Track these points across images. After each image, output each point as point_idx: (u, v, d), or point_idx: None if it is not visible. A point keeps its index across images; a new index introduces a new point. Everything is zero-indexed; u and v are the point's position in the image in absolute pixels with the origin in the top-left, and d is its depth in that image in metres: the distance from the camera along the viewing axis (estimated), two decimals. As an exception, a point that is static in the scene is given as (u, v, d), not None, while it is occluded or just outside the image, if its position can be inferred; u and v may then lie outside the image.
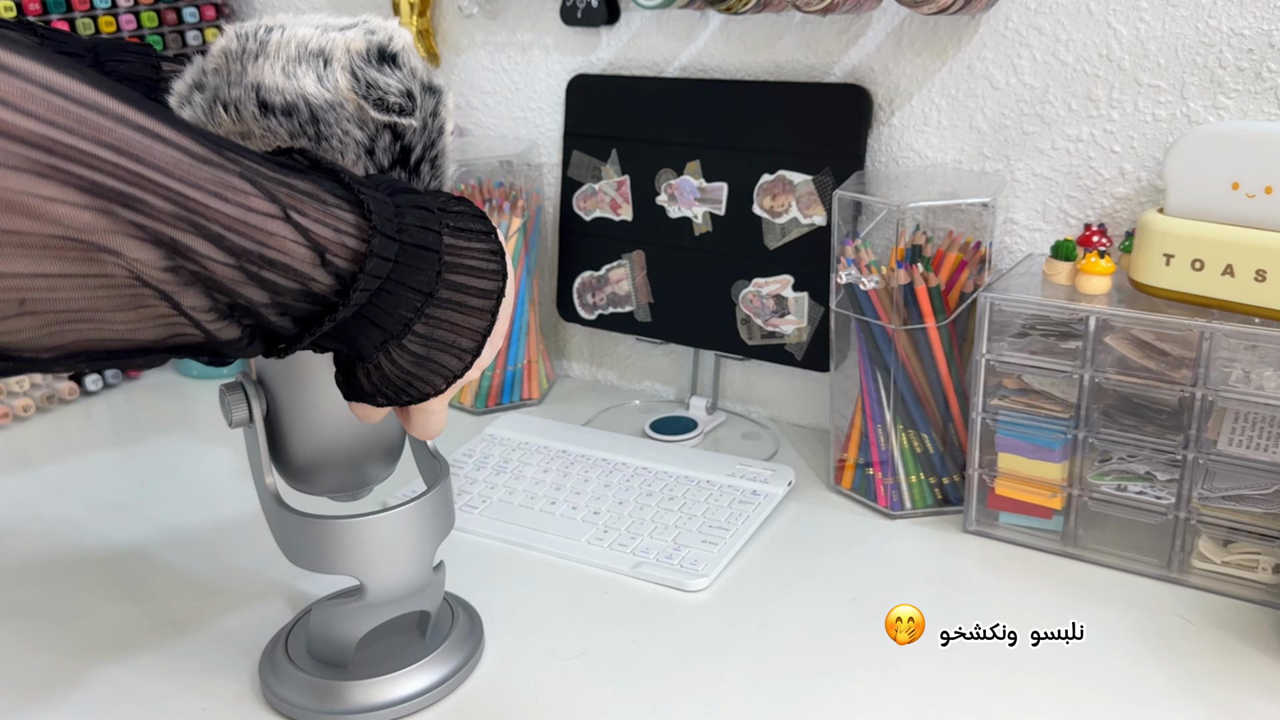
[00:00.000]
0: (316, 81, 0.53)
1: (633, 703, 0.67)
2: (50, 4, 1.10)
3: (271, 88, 0.53)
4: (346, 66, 0.54)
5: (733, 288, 1.02)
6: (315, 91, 0.53)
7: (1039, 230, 0.91)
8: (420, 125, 0.56)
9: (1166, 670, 0.68)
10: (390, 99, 0.54)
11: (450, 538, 0.70)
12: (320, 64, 0.54)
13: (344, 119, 0.54)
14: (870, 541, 0.85)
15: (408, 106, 0.55)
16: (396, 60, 0.55)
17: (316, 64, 0.54)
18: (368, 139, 0.54)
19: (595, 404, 1.13)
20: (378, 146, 0.55)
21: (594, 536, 0.85)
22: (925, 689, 0.67)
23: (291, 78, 0.53)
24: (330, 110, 0.53)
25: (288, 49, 0.53)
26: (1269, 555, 0.75)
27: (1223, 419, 0.75)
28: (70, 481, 1.00)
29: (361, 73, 0.54)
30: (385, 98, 0.54)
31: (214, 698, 0.69)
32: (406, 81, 0.55)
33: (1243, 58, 0.80)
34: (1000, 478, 0.83)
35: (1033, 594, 0.77)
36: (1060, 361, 0.79)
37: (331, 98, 0.53)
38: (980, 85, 0.91)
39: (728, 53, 1.02)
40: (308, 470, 0.65)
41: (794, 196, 0.97)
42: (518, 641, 0.73)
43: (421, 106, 0.56)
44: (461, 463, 0.98)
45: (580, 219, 1.10)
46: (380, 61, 0.55)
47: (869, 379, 0.88)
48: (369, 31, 0.55)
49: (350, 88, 0.54)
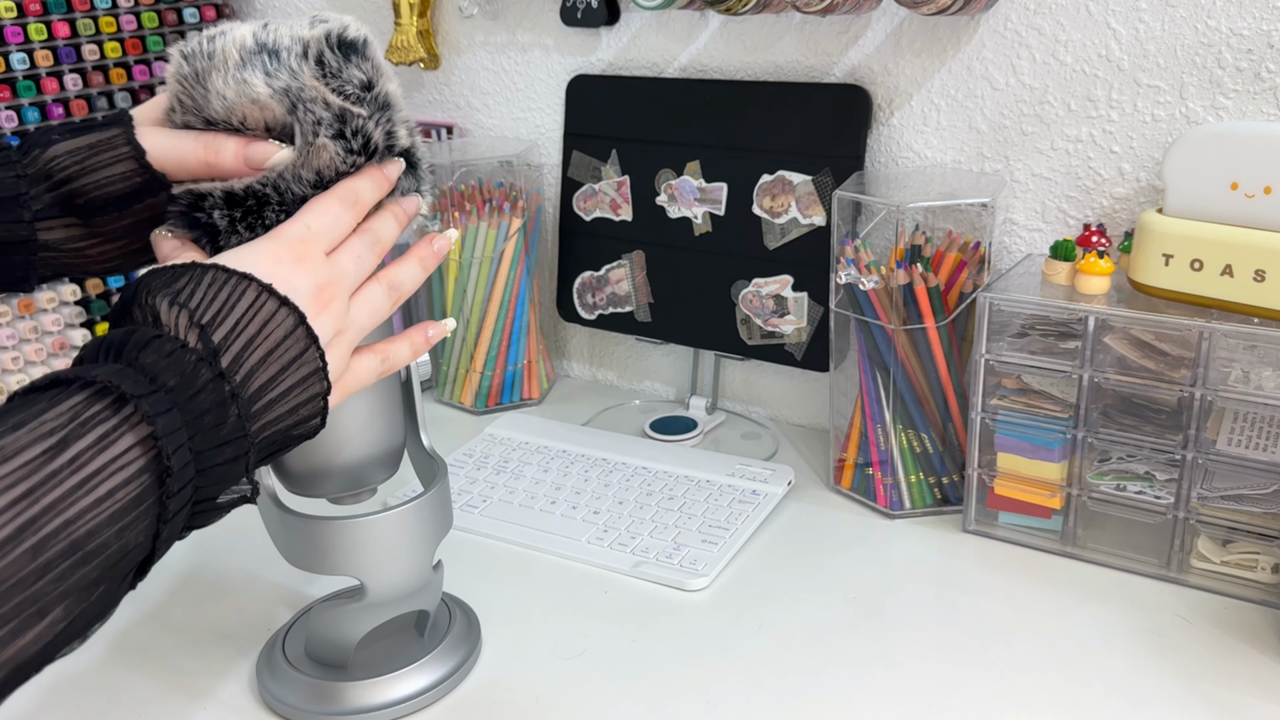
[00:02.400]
0: (265, 77, 0.54)
1: (632, 702, 0.67)
2: (50, 4, 1.10)
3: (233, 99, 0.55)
4: (299, 54, 0.55)
5: (732, 288, 1.02)
6: (263, 89, 0.54)
7: (1038, 230, 0.91)
8: (369, 114, 0.56)
9: (1166, 670, 0.68)
10: (348, 88, 0.55)
11: (450, 537, 0.70)
12: (266, 58, 0.55)
13: (310, 102, 0.55)
14: (869, 541, 0.85)
15: (363, 95, 0.56)
16: (355, 47, 0.56)
17: (262, 59, 0.55)
18: (335, 119, 0.55)
19: (595, 404, 1.13)
20: (347, 129, 0.56)
21: (594, 536, 0.85)
22: (925, 689, 0.67)
23: (242, 85, 0.54)
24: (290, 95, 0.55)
25: (231, 57, 0.55)
26: (1268, 555, 0.75)
27: (1222, 419, 0.75)
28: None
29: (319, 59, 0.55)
30: (343, 86, 0.55)
31: (212, 699, 0.69)
32: (367, 72, 0.56)
33: (1242, 58, 0.80)
34: (999, 477, 0.83)
35: (1032, 594, 0.77)
36: (1059, 361, 0.79)
37: (288, 84, 0.54)
38: (980, 86, 0.91)
39: (728, 53, 1.02)
40: (307, 476, 0.65)
41: (794, 197, 0.97)
42: (517, 641, 0.74)
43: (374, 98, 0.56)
44: (461, 463, 0.98)
45: (580, 219, 1.10)
46: (340, 49, 0.56)
47: (868, 379, 0.88)
48: (321, 20, 0.56)
49: (312, 74, 0.55)
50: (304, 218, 0.55)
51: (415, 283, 0.61)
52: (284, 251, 0.53)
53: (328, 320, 0.53)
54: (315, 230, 0.55)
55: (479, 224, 1.06)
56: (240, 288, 0.50)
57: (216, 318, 0.49)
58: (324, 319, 0.53)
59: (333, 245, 0.56)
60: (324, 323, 0.53)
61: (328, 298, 0.54)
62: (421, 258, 0.61)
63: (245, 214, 0.56)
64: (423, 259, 0.61)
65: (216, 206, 0.56)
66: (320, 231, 0.55)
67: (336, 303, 0.54)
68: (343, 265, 0.56)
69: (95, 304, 1.18)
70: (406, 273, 0.60)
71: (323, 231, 0.55)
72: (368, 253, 0.57)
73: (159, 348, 0.47)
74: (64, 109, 1.12)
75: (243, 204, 0.56)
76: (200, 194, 0.56)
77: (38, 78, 1.10)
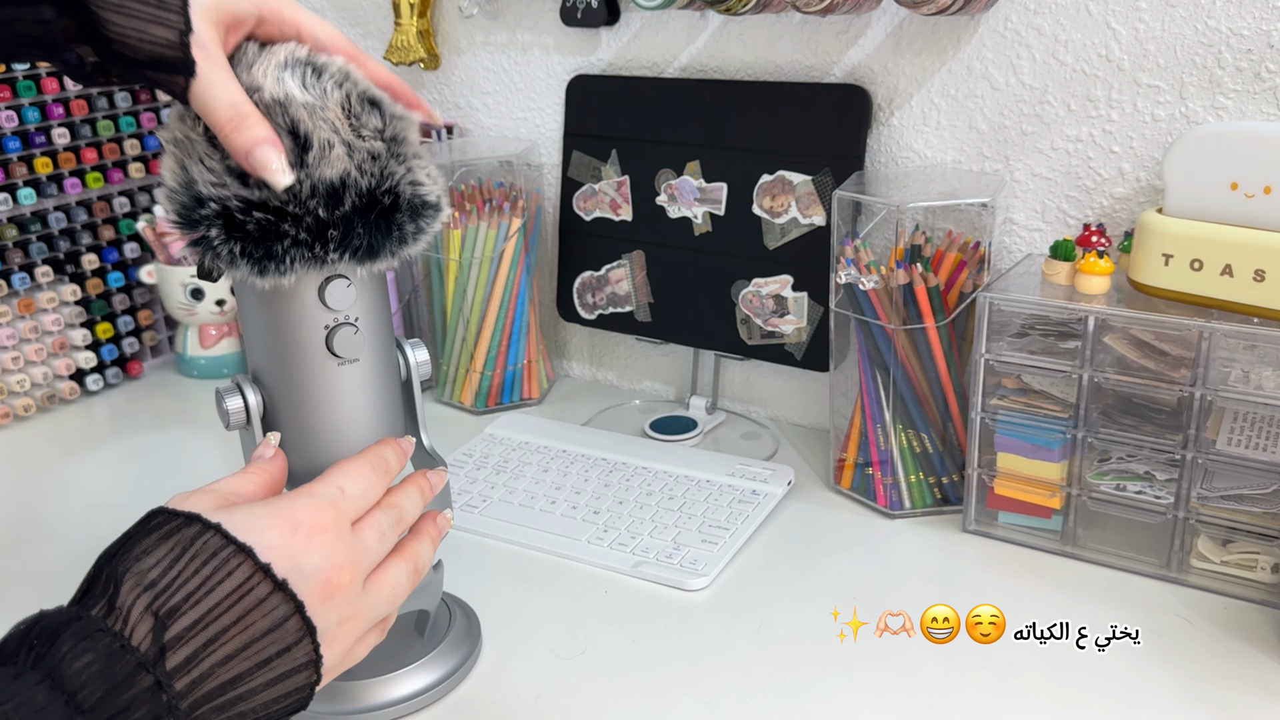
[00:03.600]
0: (300, 86, 0.54)
1: (632, 702, 0.67)
2: (51, 4, 1.10)
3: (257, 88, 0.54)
4: (340, 84, 0.55)
5: (732, 288, 1.02)
6: (296, 92, 0.54)
7: (1038, 230, 0.91)
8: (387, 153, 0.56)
9: (1165, 670, 0.68)
10: (365, 131, 0.55)
11: (450, 537, 0.70)
12: (308, 71, 0.55)
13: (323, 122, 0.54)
14: (870, 541, 0.85)
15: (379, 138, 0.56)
16: (381, 105, 0.57)
17: (304, 70, 0.55)
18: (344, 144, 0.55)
19: (595, 404, 1.13)
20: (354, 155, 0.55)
21: (594, 536, 0.85)
22: (925, 689, 0.67)
23: (280, 82, 0.54)
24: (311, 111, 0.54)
25: (277, 56, 0.55)
26: (1268, 555, 0.75)
27: (1221, 419, 0.75)
28: (70, 481, 1.00)
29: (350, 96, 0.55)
30: (362, 128, 0.55)
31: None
32: (390, 125, 0.57)
33: (1241, 58, 0.80)
34: (999, 477, 0.83)
35: (1032, 593, 0.77)
36: (1059, 361, 0.79)
37: (315, 101, 0.54)
38: (980, 85, 0.91)
39: (727, 53, 1.02)
40: (306, 476, 0.65)
41: (793, 196, 0.97)
42: (517, 641, 0.74)
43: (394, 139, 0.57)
44: (461, 462, 0.98)
45: (580, 219, 1.10)
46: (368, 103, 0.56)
47: (868, 379, 0.88)
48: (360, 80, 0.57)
49: (339, 102, 0.55)
50: (336, 478, 0.51)
51: (431, 560, 0.57)
52: (305, 518, 0.48)
53: (335, 608, 0.48)
54: (349, 495, 0.50)
55: (479, 224, 1.06)
56: (230, 565, 0.45)
57: (185, 603, 0.43)
58: (331, 606, 0.47)
59: (360, 514, 0.51)
60: (330, 611, 0.47)
61: (344, 579, 0.48)
62: (433, 536, 0.58)
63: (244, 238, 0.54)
64: (434, 538, 0.58)
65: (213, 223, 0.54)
66: (354, 497, 0.51)
67: (352, 586, 0.49)
68: (367, 541, 0.51)
69: (95, 304, 1.18)
70: (426, 549, 0.56)
71: (356, 497, 0.51)
72: (391, 531, 0.53)
73: (94, 645, 0.41)
74: (64, 109, 1.12)
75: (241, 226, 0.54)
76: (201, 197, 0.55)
77: (38, 78, 1.10)
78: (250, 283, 0.56)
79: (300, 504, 0.49)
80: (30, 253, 1.12)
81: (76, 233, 1.16)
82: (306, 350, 0.60)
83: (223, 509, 0.48)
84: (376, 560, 0.52)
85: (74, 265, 1.16)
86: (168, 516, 0.47)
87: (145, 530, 0.46)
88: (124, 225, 1.20)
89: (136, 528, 0.47)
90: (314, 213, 0.54)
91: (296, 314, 0.59)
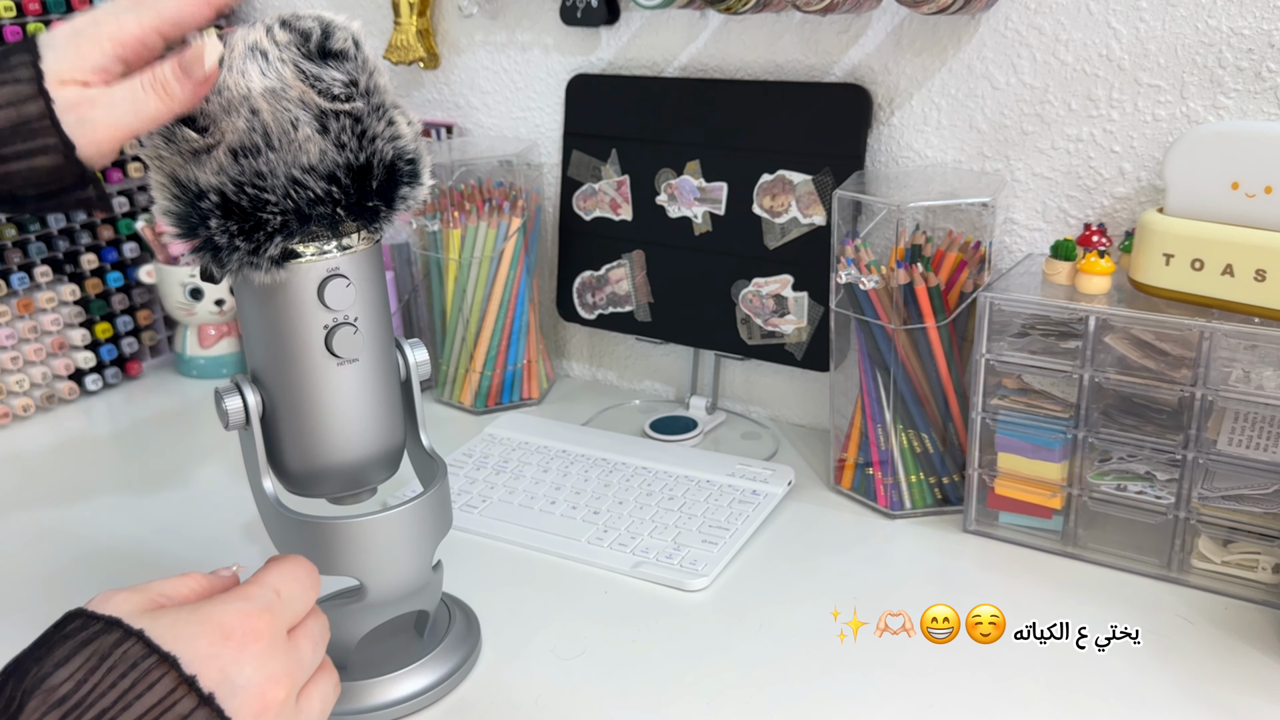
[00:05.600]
0: (259, 74, 0.54)
1: (632, 703, 0.67)
2: (50, 4, 1.10)
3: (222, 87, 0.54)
4: (288, 60, 0.55)
5: (733, 287, 1.02)
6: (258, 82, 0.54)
7: (1039, 230, 0.91)
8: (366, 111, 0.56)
9: (1166, 670, 0.68)
10: (335, 88, 0.55)
11: (449, 537, 0.70)
12: (260, 58, 0.55)
13: (288, 104, 0.54)
14: (870, 541, 0.85)
15: (351, 94, 0.56)
16: (338, 51, 0.56)
17: (258, 58, 0.55)
18: (316, 120, 0.55)
19: (595, 404, 1.13)
20: (330, 127, 0.55)
21: (594, 536, 0.85)
22: (925, 689, 0.67)
23: (243, 75, 0.54)
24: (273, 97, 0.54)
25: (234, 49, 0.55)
26: (1269, 555, 0.75)
27: (1222, 419, 0.75)
28: (69, 481, 1.00)
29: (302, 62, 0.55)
30: (329, 87, 0.55)
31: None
32: (352, 71, 0.56)
33: (1242, 57, 0.80)
34: (1000, 477, 0.83)
35: (1032, 594, 0.77)
36: (1060, 361, 0.79)
37: (274, 84, 0.54)
38: (980, 85, 0.91)
39: (728, 53, 1.02)
40: (306, 476, 0.65)
41: (794, 196, 0.97)
42: (517, 641, 0.73)
43: (367, 93, 0.56)
44: (461, 462, 0.98)
45: (580, 219, 1.10)
46: (321, 54, 0.56)
47: (869, 379, 0.88)
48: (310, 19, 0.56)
49: (294, 76, 0.55)
50: (271, 580, 0.47)
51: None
52: (237, 624, 0.44)
53: None
54: (286, 599, 0.46)
55: (479, 223, 1.06)
56: (152, 677, 0.41)
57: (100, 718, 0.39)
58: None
59: (295, 622, 0.48)
60: None
61: (279, 694, 0.44)
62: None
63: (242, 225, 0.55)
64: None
65: (213, 215, 0.54)
66: (290, 600, 0.47)
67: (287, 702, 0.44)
68: (303, 652, 0.47)
69: (95, 304, 1.18)
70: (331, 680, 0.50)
71: (293, 600, 0.47)
72: (323, 640, 0.49)
73: None
74: (63, 108, 1.12)
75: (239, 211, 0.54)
76: (199, 191, 0.55)
77: (37, 77, 1.10)
78: (249, 277, 0.56)
79: (233, 609, 0.45)
80: (29, 252, 1.12)
81: (75, 232, 1.16)
82: (306, 350, 0.60)
83: (148, 612, 0.44)
84: (310, 673, 0.48)
85: (73, 265, 1.16)
86: (86, 621, 0.43)
87: (60, 636, 0.42)
88: (123, 225, 1.20)
89: (51, 631, 0.43)
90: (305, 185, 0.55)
91: (296, 314, 0.59)
